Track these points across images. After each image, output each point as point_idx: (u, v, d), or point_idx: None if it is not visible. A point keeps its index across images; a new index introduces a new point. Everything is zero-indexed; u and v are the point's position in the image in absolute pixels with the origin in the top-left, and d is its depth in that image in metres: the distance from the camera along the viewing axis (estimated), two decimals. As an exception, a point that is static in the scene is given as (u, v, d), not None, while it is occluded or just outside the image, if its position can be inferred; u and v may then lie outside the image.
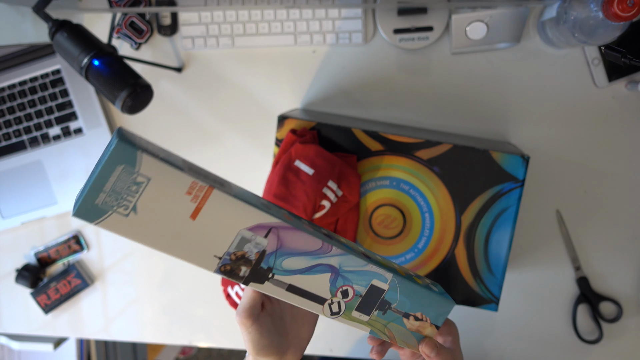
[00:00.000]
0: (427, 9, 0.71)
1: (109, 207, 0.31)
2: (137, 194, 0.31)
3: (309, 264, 0.38)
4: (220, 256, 0.35)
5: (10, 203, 0.84)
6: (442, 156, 0.62)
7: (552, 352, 0.78)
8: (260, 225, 0.35)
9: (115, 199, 0.31)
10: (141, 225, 0.32)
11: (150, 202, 0.32)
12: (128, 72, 0.64)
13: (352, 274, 0.39)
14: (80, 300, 0.86)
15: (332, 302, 0.39)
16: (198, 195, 0.33)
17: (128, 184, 0.31)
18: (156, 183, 0.32)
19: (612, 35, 0.60)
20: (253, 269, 0.36)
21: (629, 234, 0.75)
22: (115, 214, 0.32)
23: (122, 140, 0.30)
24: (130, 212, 0.32)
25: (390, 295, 0.40)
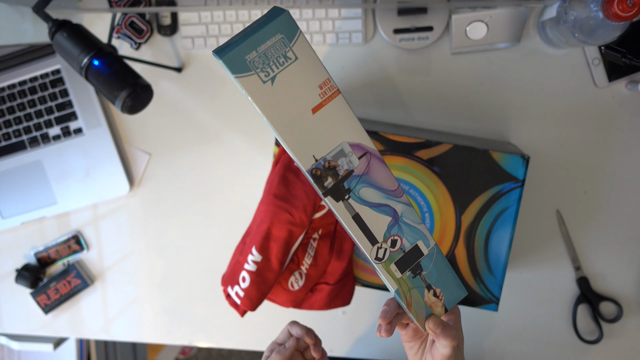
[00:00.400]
0: (427, 9, 0.71)
1: (255, 67, 0.33)
2: (281, 67, 0.34)
3: (379, 201, 0.40)
4: (317, 159, 0.37)
5: (10, 203, 0.84)
6: (442, 156, 0.62)
7: (552, 352, 0.78)
8: (360, 145, 0.38)
9: (263, 63, 0.33)
10: (272, 97, 0.34)
11: (288, 79, 0.34)
12: (128, 72, 0.64)
13: (407, 226, 0.41)
14: (80, 300, 0.86)
15: (380, 247, 0.41)
16: (326, 92, 0.35)
17: (279, 54, 0.33)
18: (301, 64, 0.34)
19: (612, 35, 0.60)
20: (336, 184, 0.38)
21: (629, 234, 0.75)
22: (256, 76, 0.34)
23: (289, 14, 0.33)
24: (268, 81, 0.34)
25: (425, 262, 0.43)
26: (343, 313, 0.81)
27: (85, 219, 0.84)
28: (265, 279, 0.63)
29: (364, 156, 0.38)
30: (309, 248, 0.64)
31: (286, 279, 0.66)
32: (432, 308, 0.45)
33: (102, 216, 0.84)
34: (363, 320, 0.81)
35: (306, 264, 0.65)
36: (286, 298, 0.67)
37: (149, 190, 0.83)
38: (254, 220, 0.69)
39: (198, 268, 0.83)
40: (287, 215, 0.61)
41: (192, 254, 0.83)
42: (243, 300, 0.64)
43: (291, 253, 0.63)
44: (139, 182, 0.83)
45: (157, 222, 0.83)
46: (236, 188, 0.81)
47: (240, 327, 0.84)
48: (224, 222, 0.82)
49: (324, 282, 0.66)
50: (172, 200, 0.83)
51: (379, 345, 0.81)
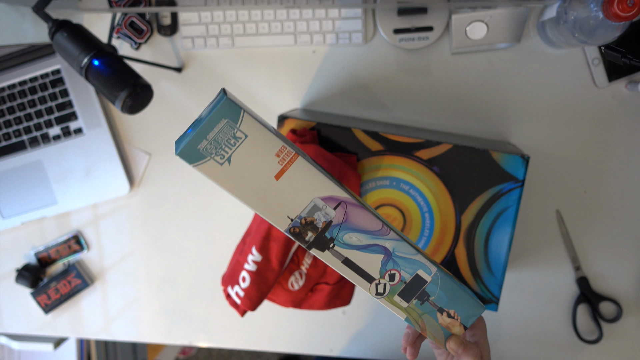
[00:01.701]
0: (427, 9, 0.71)
1: (208, 153, 0.35)
2: (233, 147, 0.35)
3: (366, 242, 0.40)
4: (292, 218, 0.39)
5: (10, 203, 0.84)
6: (442, 156, 0.62)
7: (552, 352, 0.78)
8: (333, 197, 0.38)
9: (215, 148, 0.35)
10: (232, 175, 0.36)
11: (243, 157, 0.36)
12: (128, 72, 0.64)
13: (402, 260, 0.41)
14: (80, 300, 0.86)
15: (379, 283, 0.42)
16: (285, 158, 0.36)
17: (228, 136, 0.35)
18: (252, 140, 0.35)
19: (612, 35, 0.60)
20: (318, 236, 0.39)
21: (629, 234, 0.75)
22: (212, 161, 0.36)
23: (229, 98, 0.34)
24: (225, 162, 0.36)
25: (430, 288, 0.43)
26: (343, 313, 0.81)
27: (86, 219, 0.84)
28: (265, 279, 0.63)
29: (339, 206, 0.39)
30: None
31: (286, 279, 0.66)
32: (449, 329, 0.44)
33: (102, 216, 0.84)
34: (363, 320, 0.81)
35: (306, 264, 0.65)
36: (286, 298, 0.67)
37: (149, 190, 0.83)
38: (254, 220, 0.69)
39: (198, 268, 0.83)
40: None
41: (192, 254, 0.83)
42: (243, 300, 0.64)
43: (291, 253, 0.63)
44: (139, 182, 0.83)
45: (157, 222, 0.83)
46: (236, 188, 0.81)
47: (240, 327, 0.84)
48: (224, 222, 0.82)
49: (324, 282, 0.66)
50: (172, 200, 0.83)
51: (379, 345, 0.81)
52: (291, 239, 0.40)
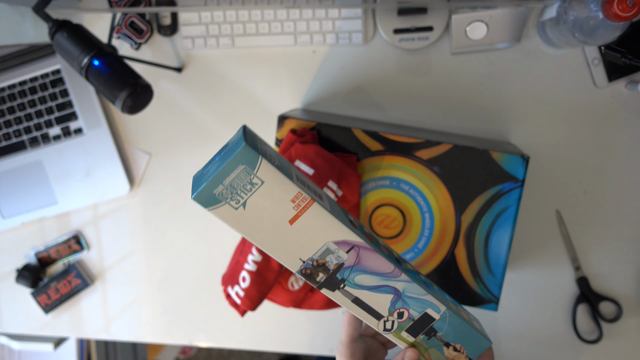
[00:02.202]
0: (427, 9, 0.71)
1: (224, 198, 0.35)
2: (249, 193, 0.35)
3: (377, 283, 0.41)
4: (305, 260, 0.39)
5: (11, 203, 0.84)
6: (442, 156, 0.62)
7: (552, 352, 0.78)
8: (346, 242, 0.39)
9: (231, 193, 0.35)
10: (247, 220, 0.36)
11: (259, 202, 0.36)
12: (128, 72, 0.64)
13: (411, 299, 0.42)
14: (81, 300, 0.86)
15: (387, 320, 0.42)
16: (300, 204, 0.36)
17: (244, 182, 0.35)
18: (268, 187, 0.35)
19: (612, 35, 0.60)
20: (329, 277, 0.40)
21: (629, 234, 0.75)
22: (227, 206, 0.36)
23: (248, 143, 0.34)
24: (240, 207, 0.36)
25: (438, 325, 0.43)
26: (343, 313, 0.81)
27: (86, 219, 0.84)
28: (265, 279, 0.63)
29: (352, 249, 0.39)
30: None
31: (286, 279, 0.66)
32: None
33: (102, 216, 0.84)
34: (363, 320, 0.81)
35: (306, 264, 0.65)
36: (286, 298, 0.67)
37: (149, 190, 0.83)
38: (254, 220, 0.69)
39: (198, 268, 0.83)
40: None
41: (192, 253, 0.83)
42: (243, 300, 0.64)
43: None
44: (139, 182, 0.83)
45: (157, 222, 0.83)
46: (236, 188, 0.81)
47: (240, 327, 0.84)
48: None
49: (324, 282, 0.66)
50: (172, 200, 0.83)
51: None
52: (301, 279, 0.40)
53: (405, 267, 0.42)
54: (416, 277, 0.43)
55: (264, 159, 0.35)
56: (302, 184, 0.37)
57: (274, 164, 0.35)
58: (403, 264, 0.43)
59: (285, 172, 0.36)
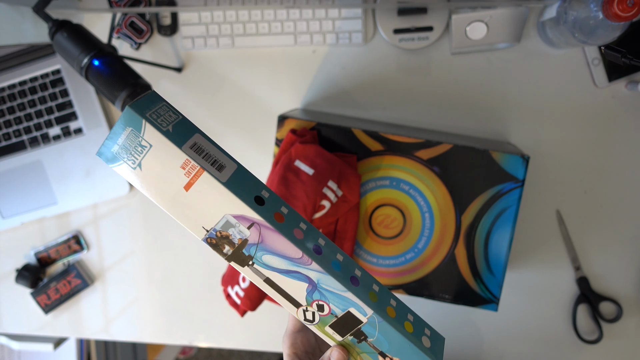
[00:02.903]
0: (427, 9, 0.71)
1: (121, 157, 0.36)
2: (141, 154, 0.36)
3: (287, 268, 0.39)
4: (207, 229, 0.38)
5: (10, 203, 0.84)
6: (442, 156, 0.62)
7: (552, 352, 0.78)
8: (244, 217, 0.37)
9: (125, 153, 0.36)
10: (144, 180, 0.37)
11: (152, 164, 0.36)
12: (128, 72, 0.64)
13: (329, 293, 0.39)
14: (80, 300, 0.86)
15: (306, 310, 0.40)
16: (190, 172, 0.37)
17: (135, 144, 0.36)
18: (156, 151, 0.36)
19: (612, 35, 0.60)
20: (235, 251, 0.39)
21: (629, 234, 0.75)
22: (125, 165, 0.37)
23: (133, 107, 0.35)
24: (137, 167, 0.37)
25: (367, 329, 0.40)
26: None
27: (85, 219, 0.84)
28: (265, 279, 0.63)
29: (252, 226, 0.38)
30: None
31: (286, 279, 0.66)
32: None
33: (102, 216, 0.84)
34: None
35: (306, 264, 0.65)
36: (286, 298, 0.67)
37: (149, 190, 0.83)
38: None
39: (198, 268, 0.83)
40: (287, 215, 0.61)
41: (192, 253, 0.83)
42: (243, 300, 0.64)
43: (291, 253, 0.63)
44: (139, 182, 0.83)
45: (157, 222, 0.83)
46: (236, 188, 0.81)
47: (240, 327, 0.84)
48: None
49: (324, 282, 0.66)
50: (172, 200, 0.83)
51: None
52: (211, 248, 0.39)
53: (329, 256, 0.39)
54: (339, 269, 0.39)
55: (148, 123, 0.35)
56: (198, 152, 0.37)
57: (162, 129, 0.36)
58: (327, 253, 0.40)
59: (176, 139, 0.36)
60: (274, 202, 0.39)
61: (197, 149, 0.38)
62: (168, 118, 0.38)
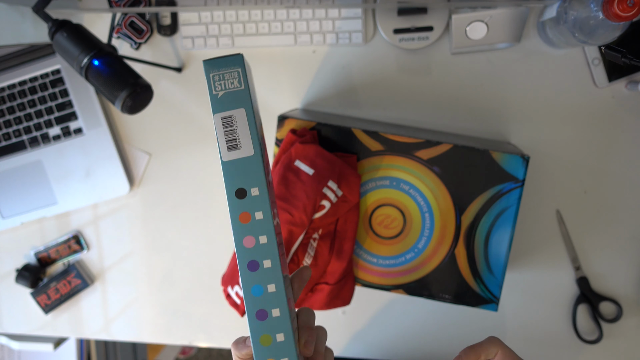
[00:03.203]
0: (427, 9, 0.71)
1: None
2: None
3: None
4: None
5: (10, 203, 0.84)
6: (442, 156, 0.62)
7: (552, 352, 0.78)
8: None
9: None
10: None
11: None
12: (128, 72, 0.64)
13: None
14: (80, 300, 0.86)
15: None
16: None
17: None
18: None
19: (612, 35, 0.60)
20: None
21: (629, 234, 0.75)
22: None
23: (207, 62, 0.38)
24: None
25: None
26: (343, 313, 0.81)
27: (85, 219, 0.84)
28: (265, 279, 0.63)
29: None
30: (309, 248, 0.64)
31: (286, 279, 0.66)
32: None
33: (102, 216, 0.84)
34: (363, 320, 0.81)
35: (306, 263, 0.65)
36: (286, 298, 0.67)
37: (149, 190, 0.83)
38: (254, 220, 0.69)
39: (198, 268, 0.83)
40: (287, 215, 0.61)
41: (192, 254, 0.83)
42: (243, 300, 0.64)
43: (291, 253, 0.63)
44: (139, 182, 0.83)
45: (157, 222, 0.83)
46: (236, 188, 0.81)
47: (240, 327, 0.84)
48: (224, 221, 0.82)
49: (324, 282, 0.66)
50: (172, 200, 0.83)
51: (378, 345, 0.81)
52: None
53: (252, 281, 0.39)
54: (255, 299, 0.38)
55: (207, 81, 0.39)
56: (226, 126, 0.39)
57: (212, 91, 0.38)
58: (260, 281, 0.39)
59: (218, 105, 0.39)
60: (257, 204, 0.39)
61: (227, 122, 0.39)
62: (228, 84, 0.39)
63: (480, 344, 0.43)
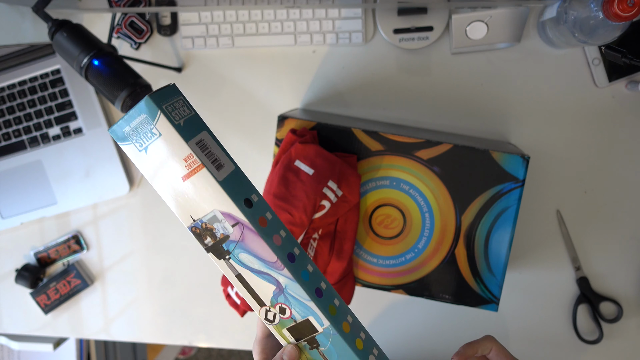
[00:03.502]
0: (427, 8, 0.71)
1: (131, 138, 0.40)
2: (150, 140, 0.39)
3: (260, 269, 0.42)
4: (195, 219, 0.41)
5: (10, 203, 0.84)
6: (442, 156, 0.62)
7: (552, 352, 0.78)
8: (231, 215, 0.40)
9: (135, 136, 0.40)
10: (147, 163, 0.40)
11: (157, 151, 0.40)
12: (128, 72, 0.64)
13: (294, 299, 0.42)
14: (80, 301, 0.86)
15: (269, 310, 0.43)
16: (191, 165, 0.40)
17: (146, 130, 0.39)
18: (164, 140, 0.39)
19: (613, 35, 0.60)
20: (215, 244, 0.42)
21: (629, 233, 0.75)
22: (132, 145, 0.40)
23: (154, 98, 0.39)
24: (143, 151, 0.40)
25: (321, 339, 0.43)
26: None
27: (85, 219, 0.84)
28: (265, 279, 0.63)
29: (236, 225, 0.41)
30: (309, 248, 0.64)
31: (286, 279, 0.66)
32: None
33: (102, 216, 0.84)
34: (363, 320, 0.81)
35: (306, 264, 0.65)
36: (286, 298, 0.67)
37: (149, 190, 0.83)
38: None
39: (198, 268, 0.83)
40: (287, 215, 0.61)
41: (192, 254, 0.83)
42: (243, 300, 0.64)
43: (291, 253, 0.63)
44: (139, 182, 0.83)
45: (157, 222, 0.83)
46: (236, 188, 0.81)
47: (240, 327, 0.84)
48: (224, 222, 0.82)
49: (324, 282, 0.66)
50: (172, 200, 0.83)
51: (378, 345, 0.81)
52: (194, 236, 0.42)
53: (299, 266, 0.42)
54: (307, 279, 0.42)
55: (162, 114, 0.39)
56: (202, 149, 0.40)
57: (174, 122, 0.39)
58: (299, 262, 0.42)
59: (185, 133, 0.39)
60: (261, 206, 0.42)
61: (202, 146, 0.40)
62: (182, 112, 0.40)
63: (477, 341, 0.47)
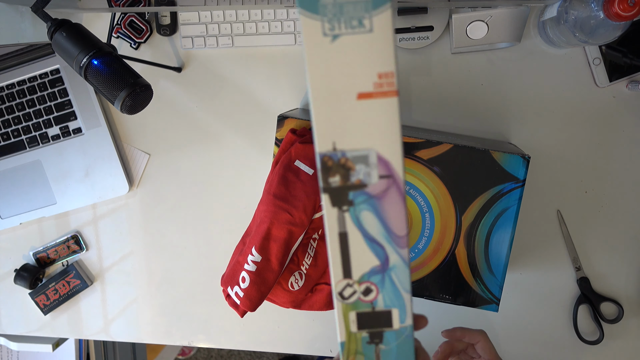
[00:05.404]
0: (427, 8, 0.71)
1: (324, 13, 0.29)
2: (350, 30, 0.29)
3: (376, 237, 0.33)
4: (336, 148, 0.31)
5: (9, 203, 0.84)
6: (442, 156, 0.62)
7: (552, 352, 0.78)
8: (389, 165, 0.32)
9: (334, 14, 0.29)
10: (325, 54, 0.30)
11: (350, 47, 0.29)
12: (127, 71, 0.64)
13: (391, 284, 0.34)
14: (80, 301, 0.86)
15: (350, 285, 0.34)
16: (382, 85, 0.30)
17: (354, 15, 0.29)
18: (371, 40, 0.29)
19: (613, 35, 0.60)
20: (341, 187, 0.32)
21: (629, 233, 0.75)
22: (319, 23, 0.29)
23: None
24: (329, 37, 0.29)
25: (390, 336, 0.36)
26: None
27: (85, 219, 0.84)
28: (265, 280, 0.63)
29: (385, 179, 0.31)
30: (309, 248, 0.64)
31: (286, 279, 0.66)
32: None
33: (102, 216, 0.84)
34: (363, 320, 0.80)
35: (306, 264, 0.65)
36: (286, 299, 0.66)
37: (149, 190, 0.83)
38: (253, 221, 0.69)
39: (198, 268, 0.83)
40: (287, 216, 0.61)
41: (192, 254, 0.83)
42: (243, 300, 0.64)
43: (291, 253, 0.63)
44: (138, 182, 0.83)
45: (157, 222, 0.83)
46: (236, 188, 0.81)
47: (240, 327, 0.84)
48: (224, 222, 0.82)
49: (324, 282, 0.65)
50: (171, 200, 0.82)
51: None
52: (317, 165, 0.32)
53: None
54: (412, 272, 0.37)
55: (391, 8, 0.28)
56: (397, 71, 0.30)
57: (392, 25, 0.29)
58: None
59: (393, 41, 0.29)
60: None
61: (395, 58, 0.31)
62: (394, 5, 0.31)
63: (469, 329, 0.49)
